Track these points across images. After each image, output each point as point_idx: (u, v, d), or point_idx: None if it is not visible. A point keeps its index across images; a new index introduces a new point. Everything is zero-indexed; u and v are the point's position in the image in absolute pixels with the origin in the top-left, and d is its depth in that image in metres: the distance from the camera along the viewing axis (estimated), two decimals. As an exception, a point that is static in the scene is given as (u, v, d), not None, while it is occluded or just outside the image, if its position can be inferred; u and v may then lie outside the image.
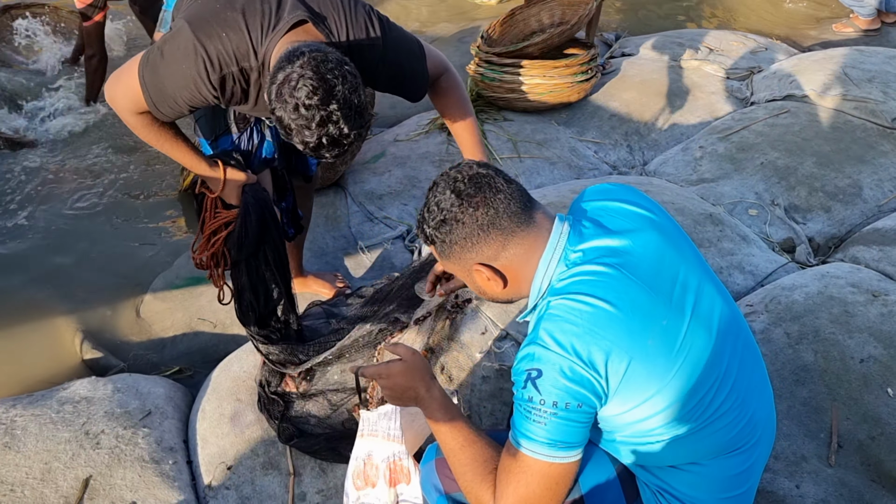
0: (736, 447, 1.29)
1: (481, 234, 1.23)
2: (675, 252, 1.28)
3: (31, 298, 2.80)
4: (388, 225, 3.10)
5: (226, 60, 1.60)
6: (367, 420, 1.73)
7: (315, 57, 1.40)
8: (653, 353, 1.18)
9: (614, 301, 1.18)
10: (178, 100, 1.66)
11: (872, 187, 3.07)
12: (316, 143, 1.42)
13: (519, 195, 1.26)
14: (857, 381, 2.03)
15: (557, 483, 1.20)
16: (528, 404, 1.18)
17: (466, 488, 1.29)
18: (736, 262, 2.66)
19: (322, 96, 1.38)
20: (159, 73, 1.63)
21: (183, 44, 1.59)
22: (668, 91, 4.00)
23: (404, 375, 1.42)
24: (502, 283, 1.28)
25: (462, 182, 1.24)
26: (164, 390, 2.27)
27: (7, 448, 1.95)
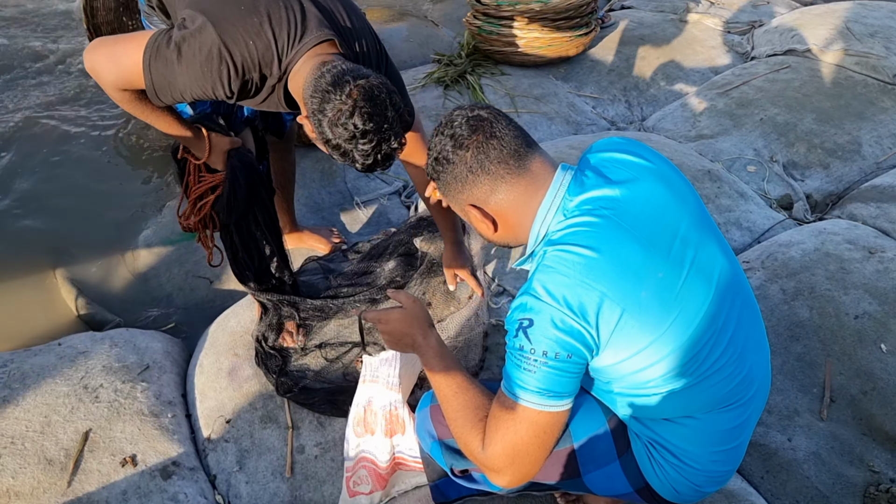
0: (731, 402, 1.30)
1: (470, 175, 1.27)
2: (678, 205, 1.28)
3: (25, 254, 2.79)
4: (385, 180, 3.07)
5: (249, 67, 1.60)
6: (368, 365, 1.75)
7: (362, 85, 1.44)
8: (646, 305, 1.18)
9: (608, 252, 1.18)
10: (185, 94, 1.65)
11: (872, 144, 3.05)
12: (372, 161, 1.50)
13: (515, 142, 1.26)
14: (852, 337, 2.04)
15: (545, 432, 1.21)
16: (519, 353, 1.19)
17: (457, 434, 1.31)
18: (733, 219, 2.65)
19: (377, 121, 1.45)
20: (172, 69, 1.61)
21: (207, 46, 1.57)
22: (668, 45, 3.94)
23: (403, 322, 1.45)
24: (493, 226, 1.31)
25: (460, 124, 1.27)
26: (162, 345, 2.27)
27: (6, 402, 1.96)
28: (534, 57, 3.76)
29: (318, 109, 1.47)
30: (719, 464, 1.34)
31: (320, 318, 2.20)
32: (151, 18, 1.94)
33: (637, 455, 1.36)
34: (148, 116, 1.79)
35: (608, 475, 1.38)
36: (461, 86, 3.67)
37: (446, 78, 3.69)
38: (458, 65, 3.82)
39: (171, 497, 1.83)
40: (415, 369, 1.83)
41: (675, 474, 1.33)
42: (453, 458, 1.48)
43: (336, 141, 1.47)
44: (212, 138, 1.91)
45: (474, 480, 1.49)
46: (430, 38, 4.23)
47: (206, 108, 1.97)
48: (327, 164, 3.15)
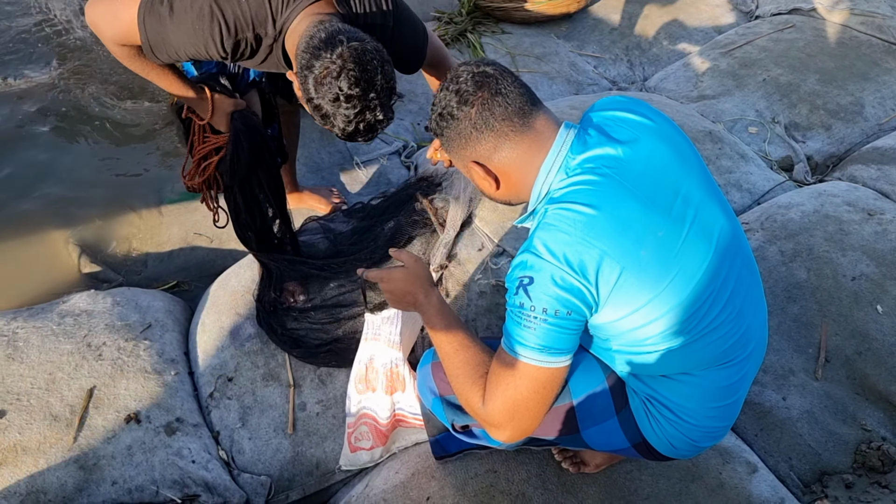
0: (728, 359, 1.32)
1: (474, 132, 1.27)
2: (680, 165, 1.28)
3: (26, 214, 2.78)
4: (385, 140, 3.06)
5: (242, 26, 1.57)
6: (370, 323, 1.77)
7: (355, 47, 1.41)
8: (646, 263, 1.19)
9: (609, 211, 1.19)
10: (179, 52, 1.63)
11: (874, 105, 3.03)
12: (353, 129, 1.47)
13: (520, 100, 1.26)
14: (848, 299, 2.06)
15: (545, 387, 1.23)
16: (519, 310, 1.20)
17: (458, 390, 1.34)
18: (734, 180, 2.65)
19: (363, 87, 1.41)
20: (165, 26, 1.58)
21: (199, 4, 1.54)
22: (672, 4, 3.89)
23: (404, 281, 1.46)
24: (495, 184, 1.32)
25: (465, 80, 1.26)
26: (164, 304, 2.29)
27: (10, 359, 1.98)
28: (534, 13, 3.71)
29: (306, 66, 1.45)
30: (715, 420, 1.37)
31: (322, 277, 2.21)
32: None
33: (635, 411, 1.39)
34: (149, 73, 1.77)
35: (606, 431, 1.41)
36: (461, 44, 3.63)
37: (446, 36, 3.65)
38: (458, 23, 3.77)
39: (176, 452, 1.86)
40: (415, 328, 1.86)
41: (671, 430, 1.36)
42: (454, 414, 1.51)
43: (318, 101, 1.45)
44: (215, 99, 1.89)
45: (475, 436, 1.52)
46: (430, -5, 4.17)
47: (212, 69, 1.95)
48: (327, 123, 3.13)
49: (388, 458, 1.91)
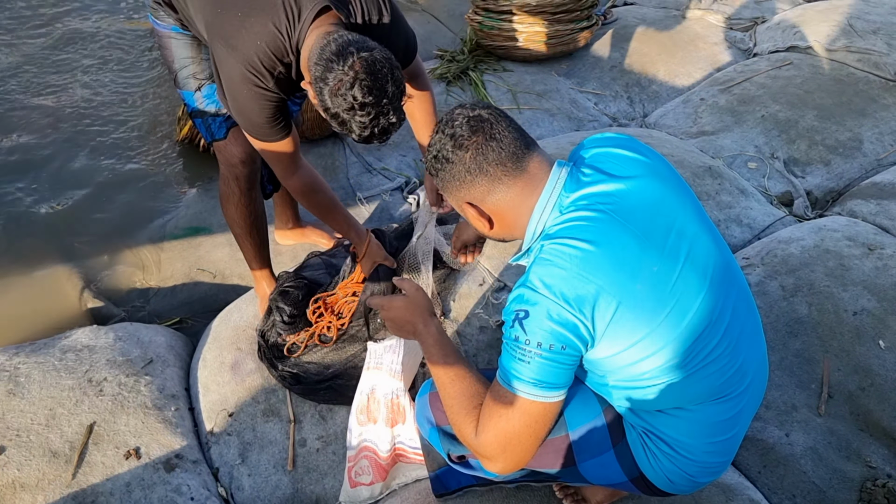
0: (724, 394, 1.32)
1: (468, 175, 1.29)
2: (673, 200, 1.29)
3: (31, 248, 2.80)
4: (387, 176, 3.09)
5: (270, 65, 1.68)
6: (372, 352, 1.79)
7: (365, 58, 1.49)
8: (641, 298, 1.20)
9: (604, 246, 1.20)
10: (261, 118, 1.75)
11: (873, 141, 3.05)
12: (369, 134, 1.55)
13: (514, 144, 1.28)
14: (850, 334, 2.05)
15: (537, 421, 1.23)
16: (514, 343, 1.21)
17: (453, 420, 1.34)
18: (734, 215, 2.66)
19: (376, 95, 1.50)
20: (239, 111, 1.75)
21: (234, 74, 1.68)
22: (670, 41, 3.95)
23: (405, 309, 1.48)
24: (489, 224, 1.34)
25: (461, 124, 1.29)
26: (165, 339, 2.30)
27: (12, 395, 1.98)
28: (535, 52, 3.77)
29: (320, 77, 1.52)
30: (713, 455, 1.36)
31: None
32: (158, 13, 1.97)
33: (632, 445, 1.38)
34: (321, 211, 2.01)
35: (603, 464, 1.40)
36: (464, 82, 3.68)
37: (449, 74, 3.70)
38: (460, 61, 3.83)
39: (175, 489, 1.85)
40: (417, 358, 1.86)
41: (669, 464, 1.35)
42: (450, 444, 1.51)
43: (335, 110, 1.53)
44: (370, 244, 2.08)
45: (471, 467, 1.51)
46: (432, 34, 4.24)
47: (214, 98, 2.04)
48: (330, 159, 3.17)
49: (387, 496, 1.89)
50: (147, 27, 4.26)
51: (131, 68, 3.94)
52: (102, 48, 4.06)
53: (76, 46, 4.08)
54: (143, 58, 4.04)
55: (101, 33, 4.20)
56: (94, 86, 3.76)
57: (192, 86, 1.99)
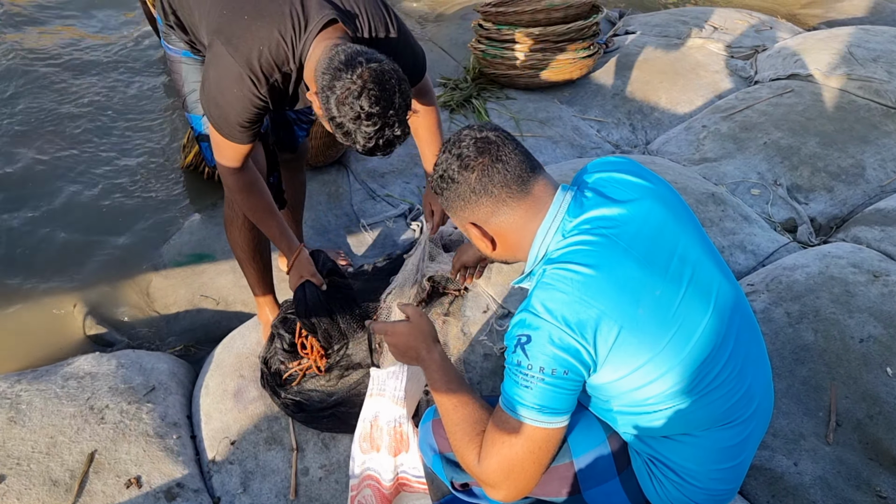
0: (730, 420, 1.30)
1: (473, 196, 1.29)
2: (675, 225, 1.30)
3: (34, 274, 2.81)
4: (390, 203, 3.10)
5: (268, 70, 1.68)
6: (376, 379, 1.78)
7: (374, 68, 1.49)
8: (644, 323, 1.20)
9: (606, 270, 1.20)
10: (239, 119, 1.74)
11: (875, 167, 3.06)
12: (374, 145, 1.54)
13: (519, 167, 1.29)
14: (857, 361, 2.04)
15: (541, 448, 1.23)
16: (516, 368, 1.21)
17: (455, 447, 1.33)
18: (738, 242, 2.66)
19: (383, 106, 1.49)
20: (220, 105, 1.73)
21: (229, 71, 1.67)
22: (672, 69, 3.98)
23: (408, 335, 1.48)
24: (491, 245, 1.35)
25: (468, 145, 1.30)
26: (168, 366, 2.28)
27: (13, 422, 1.97)
28: (538, 80, 3.80)
29: (327, 86, 1.52)
30: (720, 482, 1.34)
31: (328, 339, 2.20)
32: (169, 38, 1.99)
33: (637, 472, 1.37)
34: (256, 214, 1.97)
35: (608, 492, 1.39)
36: (467, 109, 3.71)
37: (452, 102, 3.73)
38: (463, 89, 3.86)
39: (176, 519, 1.83)
40: (420, 385, 1.84)
41: (675, 492, 1.33)
42: (453, 472, 1.49)
43: (341, 119, 1.52)
44: (299, 257, 2.03)
45: (475, 495, 1.50)
46: (436, 63, 4.28)
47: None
48: (334, 186, 3.18)
49: (391, 526, 1.87)
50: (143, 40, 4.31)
51: (136, 95, 3.98)
52: (107, 74, 4.10)
53: (82, 71, 4.12)
54: (147, 85, 4.08)
55: (107, 60, 4.24)
56: (98, 112, 3.79)
57: (201, 110, 2.01)
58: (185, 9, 1.86)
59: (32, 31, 4.45)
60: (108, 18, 4.73)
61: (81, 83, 4.04)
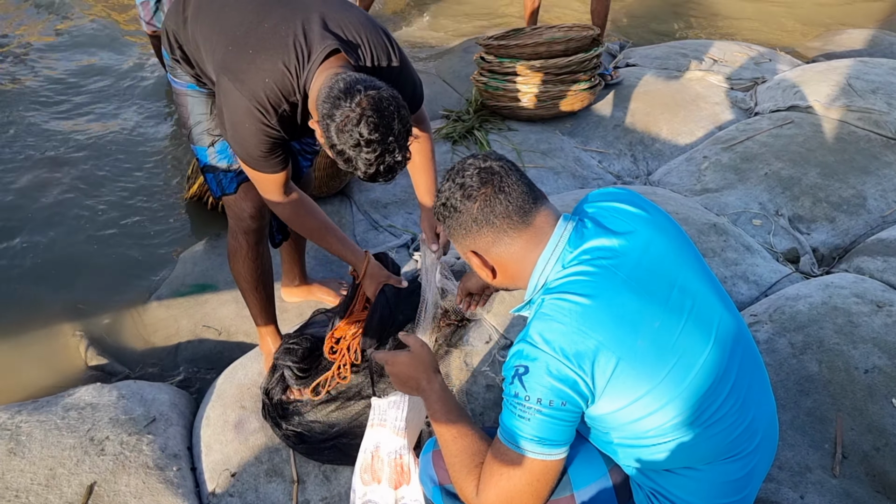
0: (733, 453, 1.29)
1: (474, 226, 1.30)
2: (676, 256, 1.30)
3: (36, 304, 2.81)
4: (393, 233, 3.11)
5: (276, 101, 1.71)
6: (377, 409, 1.77)
7: (372, 95, 1.51)
8: (642, 354, 1.19)
9: (604, 301, 1.20)
10: (259, 151, 1.77)
11: (877, 198, 3.07)
12: (374, 171, 1.56)
13: (522, 198, 1.30)
14: (862, 392, 2.02)
15: (539, 480, 1.22)
16: (514, 400, 1.21)
17: (454, 478, 1.32)
18: (740, 272, 2.66)
19: (382, 132, 1.51)
20: (239, 142, 1.77)
21: (238, 106, 1.71)
22: (673, 101, 4.01)
23: (409, 365, 1.49)
24: (492, 274, 1.35)
25: (471, 175, 1.31)
26: (169, 397, 2.28)
27: (12, 454, 1.96)
28: (540, 111, 3.83)
29: (327, 114, 1.54)
30: None
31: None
32: (175, 72, 2.02)
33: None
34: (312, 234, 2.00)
35: None
36: (469, 141, 3.74)
37: (455, 133, 3.76)
38: (465, 121, 3.90)
39: (175, 552, 1.81)
40: (421, 415, 1.83)
41: (678, 526, 1.32)
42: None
43: (341, 147, 1.54)
44: (369, 266, 2.04)
45: None
46: (439, 95, 4.32)
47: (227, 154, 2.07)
48: (337, 217, 3.19)
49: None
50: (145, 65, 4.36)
51: (140, 125, 4.02)
52: (112, 103, 4.14)
53: (87, 100, 4.17)
54: (152, 116, 4.12)
55: (113, 90, 4.30)
56: (102, 142, 3.83)
57: (206, 141, 2.03)
58: (190, 44, 1.90)
59: (39, 61, 4.51)
60: (116, 49, 4.80)
61: (85, 112, 4.08)
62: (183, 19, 1.90)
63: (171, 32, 1.96)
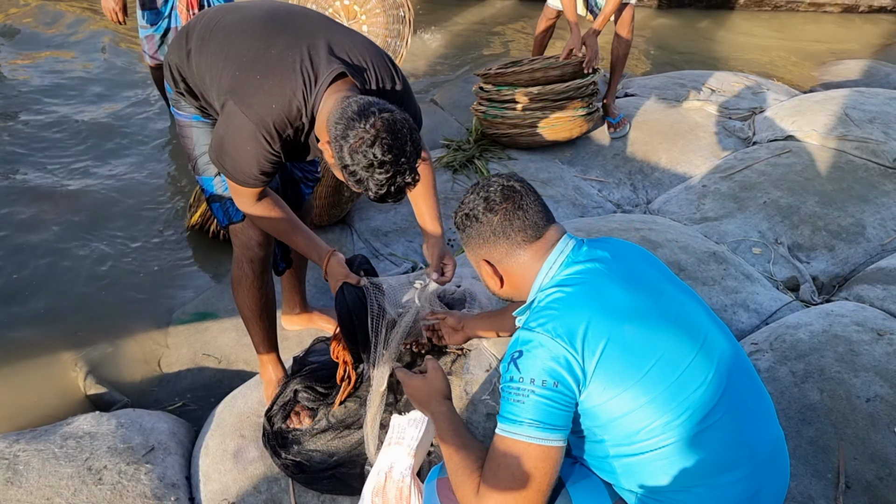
0: (731, 467, 1.30)
1: (492, 237, 1.43)
2: (663, 275, 1.44)
3: (35, 333, 2.81)
4: (394, 262, 3.11)
5: (282, 126, 1.74)
6: (396, 426, 1.78)
7: (386, 118, 1.55)
8: (630, 339, 1.27)
9: (594, 289, 1.33)
10: (254, 171, 1.78)
11: (875, 226, 3.08)
12: (385, 192, 1.59)
13: (537, 216, 1.44)
14: (864, 421, 2.01)
15: (537, 467, 1.23)
16: (509, 385, 1.27)
17: (455, 485, 1.34)
18: (740, 301, 2.66)
19: (396, 154, 1.55)
20: (234, 157, 1.78)
21: (243, 129, 1.73)
22: (671, 131, 4.04)
23: (420, 389, 1.57)
24: (500, 282, 1.48)
25: (495, 190, 1.44)
26: (168, 426, 2.26)
27: (9, 483, 1.94)
28: (539, 138, 3.86)
29: (340, 135, 1.57)
30: None
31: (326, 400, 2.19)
32: (179, 104, 2.04)
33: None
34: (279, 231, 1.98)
35: None
36: (469, 170, 3.76)
37: (455, 163, 3.79)
38: (466, 150, 3.93)
39: (171, 584, 1.78)
40: (428, 439, 1.82)
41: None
42: None
43: (353, 167, 1.57)
44: (329, 265, 2.02)
45: None
46: (439, 125, 4.36)
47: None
48: (338, 245, 3.20)
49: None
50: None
51: (141, 156, 4.04)
52: (112, 135, 4.17)
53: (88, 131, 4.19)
54: (154, 144, 4.15)
55: (115, 121, 4.33)
56: (103, 172, 3.85)
57: (212, 171, 2.05)
58: (194, 76, 1.92)
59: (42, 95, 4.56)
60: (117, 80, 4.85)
61: (84, 141, 4.11)
62: (186, 52, 1.93)
63: (174, 66, 1.99)
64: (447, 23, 5.99)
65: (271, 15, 1.84)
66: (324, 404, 2.15)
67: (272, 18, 1.83)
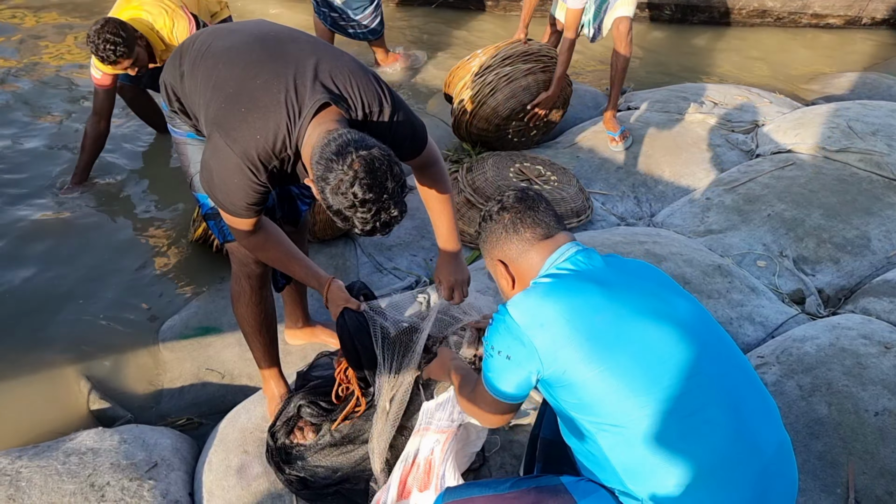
0: (733, 463, 1.32)
1: (504, 234, 1.54)
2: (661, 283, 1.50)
3: (38, 348, 2.80)
4: (397, 276, 3.11)
5: (267, 159, 1.74)
6: (425, 412, 1.83)
7: (364, 156, 1.54)
8: (599, 328, 1.36)
9: (572, 280, 1.43)
10: (244, 202, 1.79)
11: (881, 238, 3.07)
12: (371, 227, 1.60)
13: (548, 218, 1.54)
14: (873, 435, 2.00)
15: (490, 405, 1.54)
16: (486, 343, 1.49)
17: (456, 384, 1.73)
18: (746, 314, 2.65)
19: (377, 191, 1.55)
20: (223, 191, 1.79)
21: (228, 162, 1.74)
22: (674, 144, 4.04)
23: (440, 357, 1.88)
24: (512, 283, 1.56)
25: (510, 196, 1.57)
26: (171, 441, 2.25)
27: (12, 500, 1.93)
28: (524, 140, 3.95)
29: (321, 177, 1.57)
30: None
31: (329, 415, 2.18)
32: (174, 122, 2.05)
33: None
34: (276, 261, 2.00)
35: None
36: (472, 183, 3.76)
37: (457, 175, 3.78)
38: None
39: None
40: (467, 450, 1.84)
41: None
42: None
43: (337, 207, 1.58)
44: (330, 291, 2.05)
45: None
46: (441, 139, 4.36)
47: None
48: (341, 259, 3.20)
49: None
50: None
51: (143, 170, 4.05)
52: (113, 149, 4.17)
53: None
54: (157, 159, 4.16)
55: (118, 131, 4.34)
56: (106, 184, 3.85)
57: None
58: (188, 97, 1.93)
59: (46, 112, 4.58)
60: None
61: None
62: (180, 73, 1.93)
63: (168, 85, 1.99)
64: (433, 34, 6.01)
65: (260, 41, 1.83)
66: (328, 419, 2.13)
67: (261, 45, 1.82)
